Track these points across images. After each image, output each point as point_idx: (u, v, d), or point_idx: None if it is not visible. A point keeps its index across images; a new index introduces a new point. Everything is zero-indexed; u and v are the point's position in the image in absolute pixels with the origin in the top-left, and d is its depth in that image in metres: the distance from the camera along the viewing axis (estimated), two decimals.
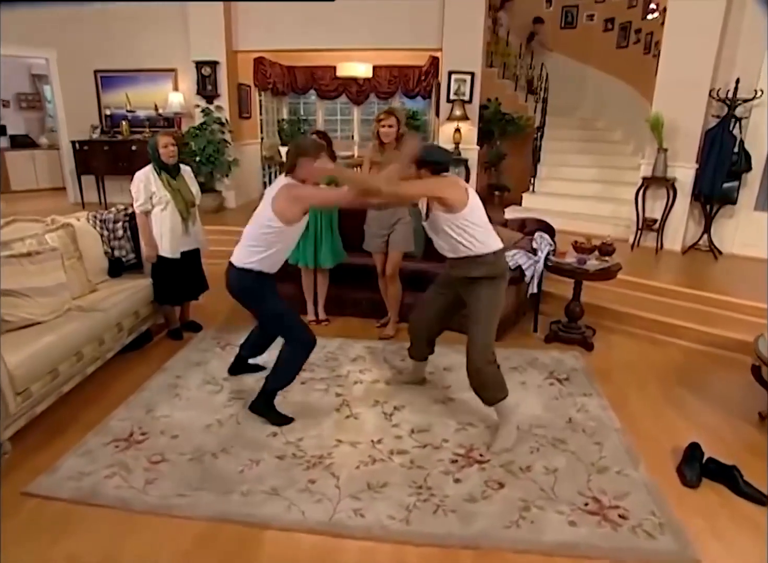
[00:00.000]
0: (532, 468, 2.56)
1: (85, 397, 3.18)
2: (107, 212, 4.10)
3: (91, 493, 2.37)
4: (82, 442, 2.75)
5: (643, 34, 7.61)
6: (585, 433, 2.86)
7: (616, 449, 2.72)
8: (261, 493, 2.37)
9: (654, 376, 3.57)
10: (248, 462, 2.58)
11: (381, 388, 3.30)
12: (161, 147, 3.55)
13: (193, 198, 3.74)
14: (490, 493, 2.38)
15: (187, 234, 3.74)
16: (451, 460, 2.60)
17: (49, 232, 3.53)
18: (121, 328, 3.58)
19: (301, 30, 6.84)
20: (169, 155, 3.58)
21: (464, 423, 2.93)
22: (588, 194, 6.88)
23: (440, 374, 3.48)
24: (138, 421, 2.94)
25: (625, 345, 4.05)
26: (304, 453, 2.65)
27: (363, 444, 2.72)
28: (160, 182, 3.59)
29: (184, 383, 3.34)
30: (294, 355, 2.94)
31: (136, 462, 2.60)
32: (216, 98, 7.10)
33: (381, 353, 3.77)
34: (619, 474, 2.53)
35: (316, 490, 2.38)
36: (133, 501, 2.33)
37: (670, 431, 2.93)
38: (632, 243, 5.72)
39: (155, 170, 3.61)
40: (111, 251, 3.98)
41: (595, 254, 3.91)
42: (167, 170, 3.62)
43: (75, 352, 3.10)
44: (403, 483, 2.43)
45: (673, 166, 5.41)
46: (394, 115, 3.66)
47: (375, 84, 8.91)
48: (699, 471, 2.54)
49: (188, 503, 2.31)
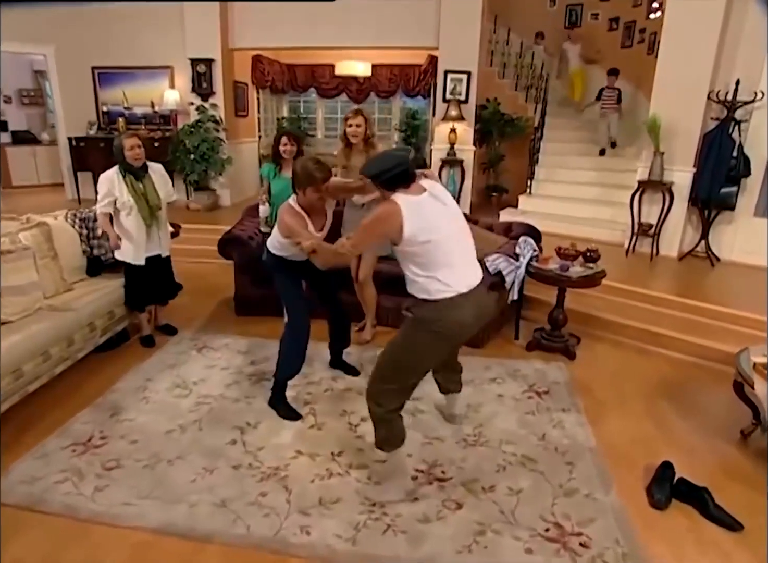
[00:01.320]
0: (496, 487, 2.46)
1: (51, 397, 3.14)
2: (87, 210, 4.07)
3: (39, 499, 2.33)
4: (40, 445, 2.71)
5: (647, 34, 7.45)
6: (557, 451, 2.75)
7: (588, 470, 2.61)
8: (209, 505, 2.30)
9: (637, 389, 3.45)
10: (202, 471, 2.52)
11: (351, 397, 3.22)
12: (127, 150, 3.45)
13: (159, 202, 3.64)
14: (445, 514, 2.29)
15: (150, 240, 3.66)
16: (411, 477, 2.51)
17: (23, 231, 3.50)
18: (94, 328, 3.54)
19: (298, 28, 6.78)
20: (135, 157, 3.48)
21: (431, 437, 2.83)
22: (586, 197, 6.75)
23: None
24: (100, 424, 2.90)
25: (610, 355, 3.94)
26: (260, 463, 2.58)
27: (322, 457, 2.64)
28: (124, 186, 3.49)
29: (153, 386, 3.29)
30: (286, 342, 3.04)
31: (90, 467, 2.55)
32: (211, 96, 7.07)
33: (357, 359, 3.68)
34: (587, 498, 2.42)
35: (265, 504, 2.31)
36: (79, 508, 2.28)
37: (647, 448, 2.82)
38: (627, 248, 5.59)
39: (120, 172, 3.52)
40: (90, 249, 3.94)
41: (579, 260, 3.80)
42: (132, 172, 3.52)
43: (42, 352, 3.06)
44: (356, 500, 2.35)
45: (670, 169, 5.27)
46: (362, 115, 3.59)
47: (375, 83, 8.84)
48: (669, 492, 2.44)
49: (133, 512, 2.26)
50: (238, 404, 3.10)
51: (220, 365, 3.57)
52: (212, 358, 3.66)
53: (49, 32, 7.15)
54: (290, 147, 3.69)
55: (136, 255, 3.62)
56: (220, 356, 3.68)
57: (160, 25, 7.08)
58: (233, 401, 3.13)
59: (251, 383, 3.35)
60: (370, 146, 3.59)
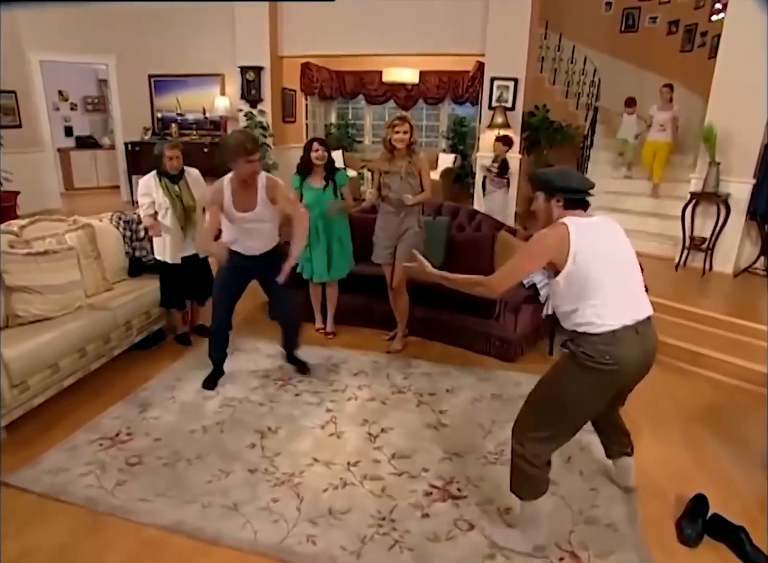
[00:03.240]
0: (513, 510, 2.36)
1: (85, 392, 3.27)
2: (131, 213, 4.23)
3: (62, 489, 2.42)
4: (71, 437, 2.83)
5: (709, 37, 7.08)
6: (582, 475, 2.62)
7: (613, 497, 2.47)
8: (221, 507, 2.33)
9: (674, 412, 3.26)
10: (218, 473, 2.55)
11: (374, 407, 3.18)
12: (167, 159, 3.60)
13: (194, 204, 3.75)
14: (456, 534, 2.21)
15: (186, 240, 3.76)
16: (425, 492, 2.45)
17: (69, 232, 3.67)
18: (130, 326, 3.67)
19: (345, 35, 6.86)
20: (173, 167, 3.64)
21: (451, 452, 2.76)
22: (635, 208, 6.47)
23: (440, 396, 3.33)
24: (128, 421, 2.99)
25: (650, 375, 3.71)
26: (275, 469, 2.59)
27: (338, 466, 2.62)
28: (161, 189, 3.63)
29: (182, 386, 3.37)
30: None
31: (114, 461, 2.63)
32: (259, 103, 7.24)
33: (385, 368, 3.65)
34: (608, 527, 2.28)
35: (276, 510, 2.31)
36: (98, 501, 2.36)
37: (680, 477, 2.64)
38: (677, 263, 5.30)
39: (157, 176, 3.66)
40: (132, 251, 4.08)
41: None
42: (168, 176, 3.66)
43: (78, 349, 3.21)
44: (367, 512, 2.31)
45: (727, 181, 4.96)
46: (408, 122, 3.54)
47: (423, 89, 8.82)
48: (701, 528, 2.27)
49: (147, 509, 2.31)
50: (261, 408, 3.13)
51: (249, 368, 3.62)
52: (242, 361, 3.71)
53: (110, 43, 7.54)
54: (322, 153, 3.70)
55: (172, 254, 3.73)
56: (250, 360, 3.73)
57: (211, 33, 7.33)
58: (257, 405, 3.16)
59: (276, 387, 3.37)
60: (412, 151, 3.56)
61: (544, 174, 2.12)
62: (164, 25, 7.40)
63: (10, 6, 6.00)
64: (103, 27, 7.36)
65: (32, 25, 7.02)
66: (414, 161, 3.57)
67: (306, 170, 3.82)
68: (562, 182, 2.03)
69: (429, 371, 3.62)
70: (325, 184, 3.82)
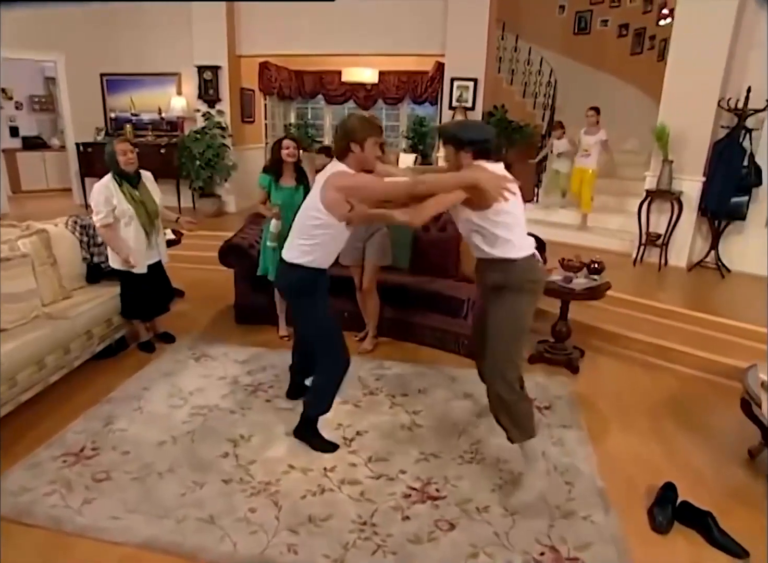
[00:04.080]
0: (491, 508, 2.38)
1: (45, 407, 3.11)
2: (88, 217, 4.06)
3: (25, 511, 2.30)
4: (32, 454, 2.68)
5: (657, 41, 7.36)
6: (556, 471, 2.66)
7: (588, 490, 2.52)
8: (196, 520, 2.25)
9: (642, 405, 3.36)
10: (192, 485, 2.47)
11: (347, 410, 3.15)
12: (120, 155, 3.38)
13: (157, 208, 3.62)
14: (437, 535, 2.22)
15: (150, 247, 3.63)
16: (404, 494, 2.45)
17: (23, 238, 3.49)
18: (91, 336, 3.52)
19: (305, 35, 6.79)
20: (128, 162, 3.41)
21: (427, 453, 2.76)
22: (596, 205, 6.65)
23: (413, 396, 3.33)
24: (93, 434, 2.86)
25: (615, 369, 3.85)
26: (251, 478, 2.53)
27: (314, 472, 2.58)
28: (122, 195, 3.43)
29: (148, 396, 3.26)
30: (328, 378, 2.71)
31: (79, 478, 2.51)
32: (218, 103, 7.09)
33: (357, 370, 3.60)
34: (585, 520, 2.33)
35: (254, 520, 2.26)
36: (65, 521, 2.24)
37: (650, 468, 2.73)
38: (635, 258, 5.49)
39: (115, 179, 3.45)
40: (90, 257, 3.92)
41: (583, 271, 3.72)
42: (128, 179, 3.47)
43: (36, 361, 3.05)
44: (347, 518, 2.29)
45: (679, 178, 5.18)
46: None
47: (383, 89, 8.83)
48: (671, 515, 2.35)
49: (119, 526, 2.22)
50: (232, 416, 3.05)
51: (217, 374, 3.53)
52: (209, 367, 3.62)
53: (59, 39, 7.21)
54: (293, 150, 3.63)
55: (138, 264, 3.56)
56: (218, 366, 3.64)
57: (167, 32, 7.12)
58: (228, 413, 3.09)
59: (247, 393, 3.30)
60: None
61: (451, 129, 2.45)
62: (117, 23, 7.15)
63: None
64: (51, 23, 7.03)
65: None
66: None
67: (276, 169, 3.74)
68: (466, 135, 2.32)
69: (401, 372, 3.62)
70: (296, 183, 3.76)
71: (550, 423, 3.09)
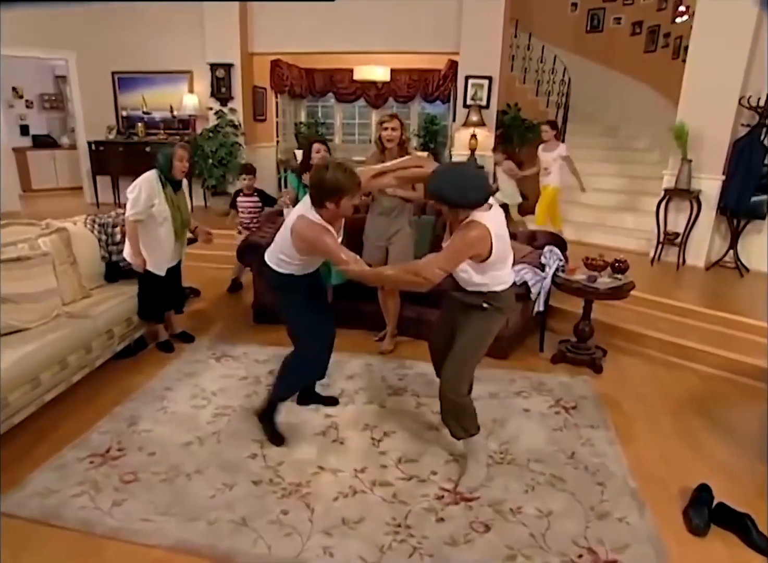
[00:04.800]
0: (524, 509, 2.36)
1: (69, 407, 3.09)
2: (106, 215, 4.04)
3: (54, 513, 2.27)
4: (57, 455, 2.66)
5: (672, 38, 7.30)
6: (587, 471, 2.64)
7: (620, 491, 2.50)
8: (229, 522, 2.23)
9: (666, 404, 3.33)
10: (222, 486, 2.45)
11: (373, 410, 3.13)
12: (177, 160, 3.34)
13: (189, 217, 3.61)
14: (473, 537, 2.19)
15: (176, 251, 3.62)
16: (437, 496, 2.42)
17: (43, 236, 3.47)
18: (112, 335, 3.50)
19: (318, 32, 6.75)
20: (182, 170, 3.40)
21: (457, 454, 2.73)
22: (610, 204, 6.63)
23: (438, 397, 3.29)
24: (118, 435, 2.84)
25: (638, 369, 3.81)
26: (281, 479, 2.50)
27: (345, 473, 2.56)
28: (163, 195, 3.39)
29: (172, 396, 3.24)
30: (292, 371, 2.84)
31: (107, 480, 2.49)
32: (230, 101, 7.07)
33: (379, 370, 3.60)
34: (620, 521, 2.30)
35: (287, 522, 2.23)
36: (96, 524, 2.22)
37: (680, 468, 2.70)
38: (652, 257, 5.45)
39: (161, 180, 3.40)
40: (108, 255, 3.91)
41: (607, 271, 3.69)
42: (172, 183, 3.44)
43: (59, 360, 3.03)
44: (381, 520, 2.26)
45: (698, 177, 5.14)
46: (398, 119, 3.50)
47: (394, 88, 8.79)
48: (707, 517, 2.32)
49: (151, 529, 2.20)
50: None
51: (239, 374, 3.50)
52: (230, 367, 3.60)
53: (70, 38, 7.20)
54: (324, 153, 3.63)
55: (161, 266, 3.55)
56: (239, 366, 3.62)
57: (179, 30, 7.10)
58: (252, 413, 3.06)
59: None
60: (404, 151, 3.50)
61: (445, 192, 2.20)
62: (128, 21, 7.12)
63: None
64: (63, 21, 7.02)
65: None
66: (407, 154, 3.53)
67: (305, 170, 3.75)
68: (463, 200, 2.20)
69: (423, 372, 3.58)
70: None
71: (578, 423, 3.06)
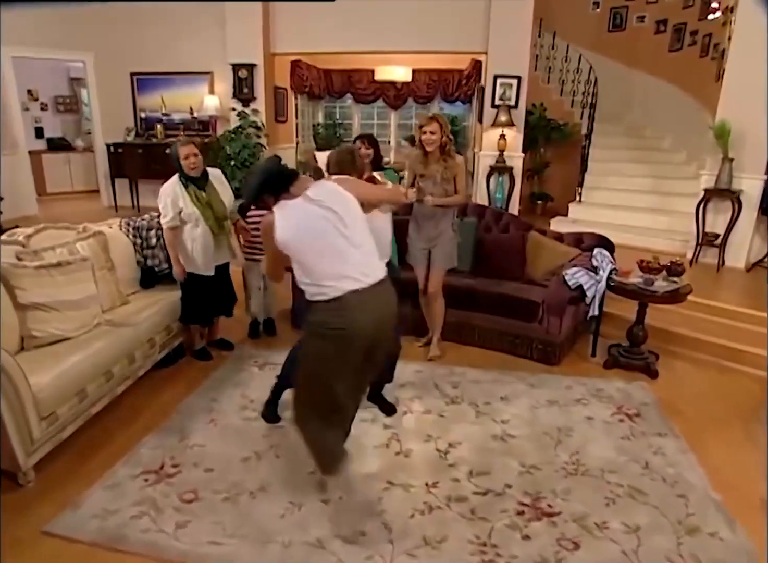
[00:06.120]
0: (610, 524, 2.24)
1: (114, 420, 2.98)
2: (140, 218, 3.91)
3: (116, 536, 2.15)
4: (109, 473, 2.54)
5: (699, 36, 7.18)
6: (665, 482, 2.52)
7: (704, 504, 2.38)
8: (304, 545, 2.11)
9: (729, 411, 3.21)
10: (290, 505, 2.32)
11: (433, 420, 3.00)
12: (182, 159, 3.23)
13: (225, 210, 3.46)
14: (564, 555, 2.07)
15: (219, 249, 3.49)
16: (517, 511, 2.30)
17: (81, 240, 3.34)
18: (153, 344, 3.37)
19: (341, 32, 6.62)
20: (191, 167, 3.26)
21: (528, 464, 2.62)
22: (638, 205, 6.50)
23: (496, 404, 3.18)
24: (170, 450, 2.72)
25: (692, 373, 3.70)
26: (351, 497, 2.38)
27: (416, 488, 2.43)
28: (188, 197, 3.28)
29: (219, 408, 3.11)
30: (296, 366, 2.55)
31: (166, 499, 2.37)
32: (252, 101, 6.94)
33: (430, 378, 3.47)
34: (712, 537, 2.19)
35: (366, 543, 2.11)
36: (163, 548, 2.10)
37: (757, 478, 2.58)
38: (691, 259, 5.33)
39: (182, 182, 3.30)
40: (144, 260, 3.77)
41: (662, 274, 3.57)
42: (194, 181, 3.32)
43: (104, 371, 2.90)
44: (464, 538, 2.14)
45: (739, 177, 5.01)
46: (437, 121, 3.33)
47: (413, 88, 8.68)
48: None
49: (222, 552, 2.07)
50: None
51: None
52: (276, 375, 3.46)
53: (87, 39, 7.08)
54: (366, 151, 3.47)
55: (206, 266, 3.43)
56: None
57: (199, 30, 6.98)
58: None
59: None
60: (447, 154, 3.36)
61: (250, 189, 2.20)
62: (147, 22, 7.00)
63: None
64: (80, 22, 6.89)
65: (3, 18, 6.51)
66: (450, 165, 3.37)
67: None
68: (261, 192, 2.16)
69: (476, 379, 3.47)
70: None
71: (645, 432, 2.95)
